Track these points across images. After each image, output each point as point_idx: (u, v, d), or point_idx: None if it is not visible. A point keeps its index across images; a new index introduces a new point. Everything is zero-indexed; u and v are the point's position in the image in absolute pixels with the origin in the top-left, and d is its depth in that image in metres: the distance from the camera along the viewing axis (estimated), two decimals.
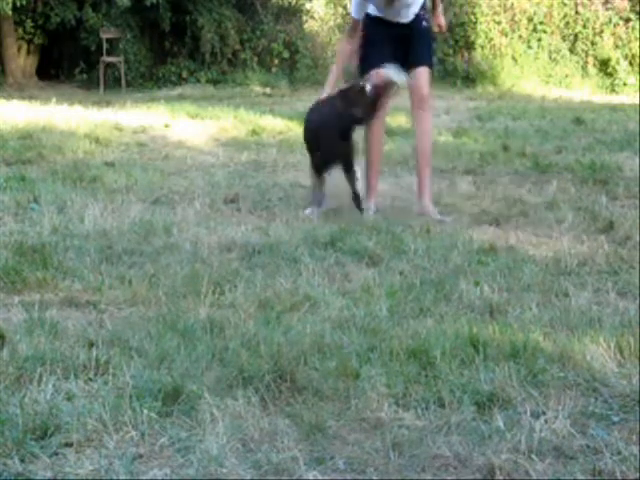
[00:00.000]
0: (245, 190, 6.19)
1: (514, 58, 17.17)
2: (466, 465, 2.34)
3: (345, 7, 17.88)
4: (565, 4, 17.80)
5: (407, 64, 5.48)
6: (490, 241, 4.74)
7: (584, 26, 17.68)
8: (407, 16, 5.52)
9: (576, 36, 17.70)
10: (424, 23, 5.61)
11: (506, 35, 17.53)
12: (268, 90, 15.43)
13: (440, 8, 5.97)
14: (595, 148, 8.42)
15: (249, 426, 2.49)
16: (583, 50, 17.63)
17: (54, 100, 11.39)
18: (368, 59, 5.55)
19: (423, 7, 5.61)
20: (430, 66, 5.71)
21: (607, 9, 17.69)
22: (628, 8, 17.63)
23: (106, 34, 16.06)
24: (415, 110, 5.71)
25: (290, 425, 2.53)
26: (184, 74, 16.41)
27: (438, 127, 9.11)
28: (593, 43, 17.61)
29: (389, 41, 5.50)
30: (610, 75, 17.15)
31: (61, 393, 2.67)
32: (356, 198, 5.37)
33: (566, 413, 2.58)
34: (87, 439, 2.43)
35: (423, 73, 5.60)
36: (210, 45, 16.23)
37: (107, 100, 12.94)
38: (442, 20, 5.98)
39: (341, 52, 5.92)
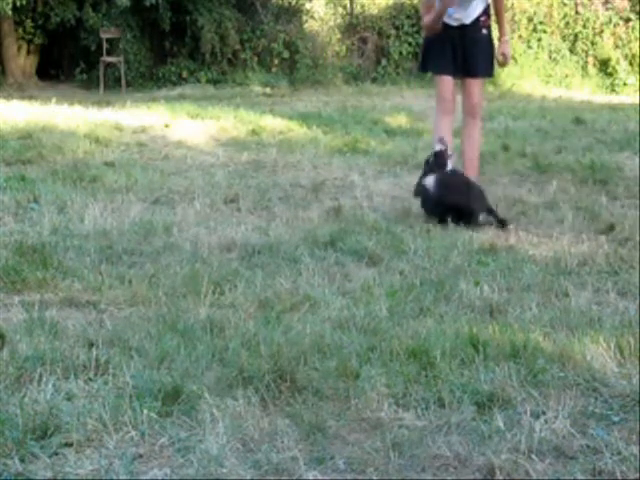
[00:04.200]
0: (245, 190, 6.19)
1: (514, 58, 17.13)
2: (466, 465, 2.34)
3: (345, 7, 17.90)
4: (565, 4, 17.80)
5: (463, 70, 5.58)
6: (490, 241, 4.74)
7: (584, 26, 17.68)
8: (468, 15, 5.52)
9: (576, 36, 17.70)
10: (484, 31, 5.59)
11: None
12: (268, 90, 15.42)
13: (507, 36, 5.80)
14: (595, 148, 8.42)
15: (249, 426, 2.49)
16: (583, 50, 17.64)
17: (54, 100, 11.39)
18: (429, 59, 5.71)
19: (485, 13, 5.57)
20: (485, 76, 5.76)
21: (607, 9, 17.69)
22: (628, 8, 17.63)
23: (106, 34, 16.04)
24: (465, 118, 5.74)
25: (290, 425, 2.53)
26: (184, 74, 16.40)
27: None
28: (593, 43, 17.61)
29: (450, 45, 5.56)
30: (610, 75, 17.15)
31: (61, 393, 2.67)
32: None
33: (566, 413, 2.58)
34: (87, 439, 2.43)
35: (475, 83, 5.65)
36: (210, 45, 16.22)
37: (107, 100, 12.93)
38: (507, 49, 5.77)
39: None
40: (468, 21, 5.55)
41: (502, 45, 5.74)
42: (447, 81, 5.63)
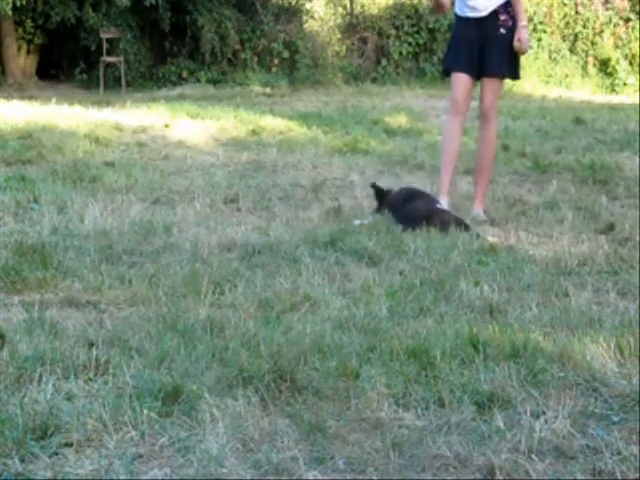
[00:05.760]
0: (245, 190, 6.19)
1: None
2: (466, 465, 2.34)
3: (345, 7, 17.91)
4: (565, 4, 17.81)
5: (479, 69, 5.52)
6: (490, 241, 4.74)
7: (584, 26, 17.70)
8: (484, 5, 5.41)
9: (576, 36, 17.72)
10: (502, 30, 5.43)
11: None
12: (268, 90, 15.43)
13: (523, 22, 5.44)
14: (595, 148, 8.43)
15: (249, 426, 2.49)
16: (583, 50, 17.65)
17: (54, 100, 11.39)
18: (448, 56, 5.82)
19: (507, 12, 5.41)
20: (500, 76, 5.59)
21: (607, 9, 17.70)
22: (628, 8, 17.65)
23: (106, 34, 16.05)
24: (480, 118, 5.67)
25: (290, 425, 2.52)
26: (184, 74, 16.41)
27: (439, 127, 9.11)
28: (593, 43, 17.62)
29: (467, 42, 5.51)
30: (610, 75, 17.17)
31: (61, 393, 2.67)
32: None
33: (566, 413, 2.58)
34: (87, 439, 2.42)
35: (489, 84, 5.55)
36: (210, 45, 16.23)
37: (107, 100, 12.93)
38: (524, 35, 5.41)
39: None
40: (485, 12, 5.41)
41: (518, 31, 5.43)
42: (460, 79, 5.53)
